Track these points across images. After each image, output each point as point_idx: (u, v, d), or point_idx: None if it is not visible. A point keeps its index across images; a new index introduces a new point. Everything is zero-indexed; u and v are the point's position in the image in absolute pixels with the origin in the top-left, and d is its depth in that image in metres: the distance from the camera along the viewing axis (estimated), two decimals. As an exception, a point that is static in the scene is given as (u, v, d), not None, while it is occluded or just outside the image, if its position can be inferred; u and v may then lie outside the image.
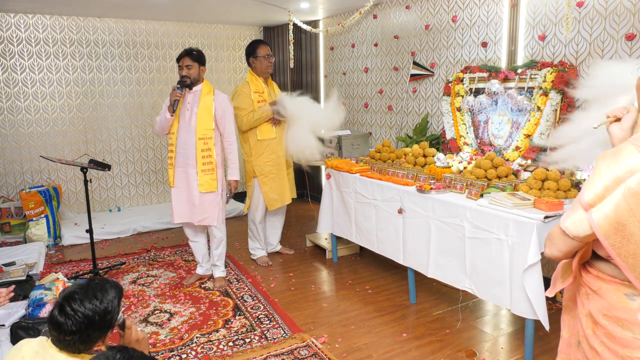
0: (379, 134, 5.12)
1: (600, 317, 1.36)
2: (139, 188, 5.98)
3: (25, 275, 3.30)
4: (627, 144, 1.27)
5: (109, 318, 1.48)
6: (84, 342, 1.44)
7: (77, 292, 1.48)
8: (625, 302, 1.30)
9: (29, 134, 5.29)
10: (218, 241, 3.71)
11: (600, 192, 1.26)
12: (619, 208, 1.22)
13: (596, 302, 1.38)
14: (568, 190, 2.64)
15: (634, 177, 1.21)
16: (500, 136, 3.56)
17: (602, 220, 1.24)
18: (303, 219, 5.60)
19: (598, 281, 1.38)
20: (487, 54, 3.77)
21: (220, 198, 3.59)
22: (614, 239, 1.24)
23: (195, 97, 3.50)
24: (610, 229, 1.24)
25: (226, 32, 6.25)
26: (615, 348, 1.32)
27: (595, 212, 1.26)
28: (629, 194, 1.21)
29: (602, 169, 1.28)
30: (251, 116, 3.86)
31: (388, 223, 3.39)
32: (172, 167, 3.57)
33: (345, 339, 2.91)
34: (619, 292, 1.32)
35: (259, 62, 3.95)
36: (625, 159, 1.24)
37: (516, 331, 2.96)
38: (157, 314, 3.27)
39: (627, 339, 1.29)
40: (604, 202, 1.25)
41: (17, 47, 5.10)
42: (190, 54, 3.49)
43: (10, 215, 4.99)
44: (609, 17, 2.95)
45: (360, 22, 5.16)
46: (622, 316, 1.30)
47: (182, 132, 3.51)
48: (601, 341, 1.36)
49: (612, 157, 1.28)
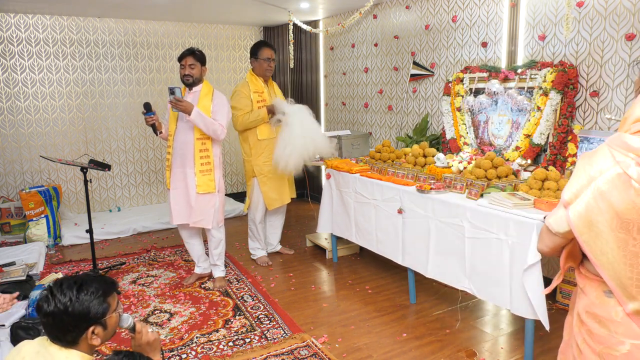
0: (379, 134, 5.12)
1: (583, 315, 1.41)
2: (139, 188, 5.98)
3: (25, 275, 3.30)
4: (604, 146, 1.33)
5: (85, 312, 1.50)
6: (58, 328, 1.48)
7: (66, 280, 1.54)
8: (603, 299, 1.35)
9: (29, 134, 5.29)
10: (217, 241, 3.71)
11: (576, 191, 1.33)
12: (589, 206, 1.29)
13: (581, 299, 1.43)
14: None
15: (602, 176, 1.27)
16: (500, 136, 3.56)
17: (576, 217, 1.31)
18: (303, 219, 5.60)
19: (584, 279, 1.43)
20: (487, 54, 3.77)
21: (217, 200, 3.59)
22: (587, 236, 1.31)
23: (194, 98, 3.50)
24: (583, 226, 1.31)
25: (226, 32, 6.25)
26: (593, 345, 1.37)
27: (571, 209, 1.33)
28: (597, 193, 1.27)
29: (579, 168, 1.35)
30: (246, 117, 3.85)
31: (388, 223, 3.39)
32: (169, 169, 3.58)
33: (345, 339, 2.91)
34: (599, 289, 1.37)
35: (259, 64, 3.95)
36: (598, 160, 1.31)
37: (516, 331, 2.96)
38: (157, 314, 3.27)
39: (603, 336, 1.34)
40: (577, 200, 1.32)
41: (17, 47, 5.10)
42: (194, 54, 3.48)
43: (10, 215, 4.99)
44: (609, 17, 2.95)
45: (360, 22, 5.16)
46: (600, 313, 1.35)
47: (181, 133, 3.50)
48: (583, 338, 1.41)
49: (589, 157, 1.34)
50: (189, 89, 3.54)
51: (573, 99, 3.12)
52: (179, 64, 3.51)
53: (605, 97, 3.02)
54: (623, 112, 2.94)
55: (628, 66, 2.89)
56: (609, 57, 2.98)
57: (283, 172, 3.88)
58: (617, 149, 1.28)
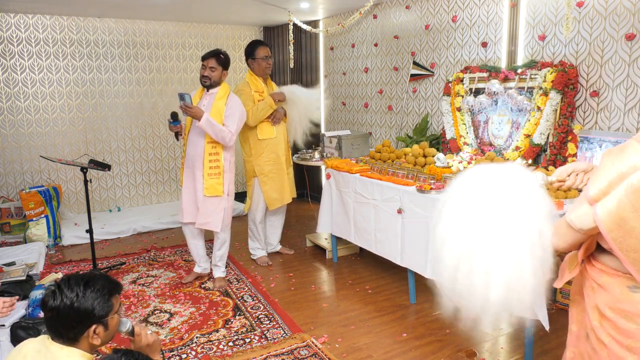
0: (379, 134, 5.12)
1: (606, 310, 1.40)
2: (139, 188, 5.98)
3: (25, 275, 3.30)
4: (632, 141, 1.30)
5: (90, 308, 1.51)
6: (61, 323, 1.49)
7: (74, 277, 1.55)
8: (628, 294, 1.34)
9: (29, 134, 5.29)
10: (221, 242, 3.71)
11: (604, 188, 1.29)
12: (621, 204, 1.25)
13: (602, 295, 1.42)
14: (568, 190, 2.64)
15: (636, 173, 1.24)
16: (500, 136, 3.56)
17: (605, 215, 1.28)
18: (303, 219, 5.60)
19: (602, 275, 1.41)
20: (487, 54, 3.77)
21: (226, 203, 3.59)
22: (616, 234, 1.28)
23: (210, 101, 3.51)
24: (612, 223, 1.27)
25: (226, 32, 6.25)
26: (621, 339, 1.36)
27: (599, 206, 1.29)
28: (631, 190, 1.24)
29: (607, 164, 1.31)
30: (255, 109, 3.85)
31: (387, 223, 3.39)
32: (182, 168, 3.65)
33: (345, 339, 2.91)
34: (622, 285, 1.36)
35: (257, 64, 3.95)
36: (630, 156, 1.27)
37: (516, 331, 2.96)
38: (157, 314, 3.27)
39: (631, 330, 1.34)
40: (607, 197, 1.28)
41: (17, 47, 5.10)
42: (218, 57, 3.47)
43: (10, 215, 4.99)
44: (609, 17, 2.95)
45: (360, 22, 5.16)
46: (626, 308, 1.35)
47: (193, 135, 3.52)
48: (608, 333, 1.40)
49: (617, 153, 1.31)
50: (206, 90, 3.54)
51: (573, 99, 3.12)
52: (201, 64, 3.51)
53: (605, 97, 3.02)
54: (623, 111, 2.94)
55: (628, 66, 2.89)
56: (609, 57, 2.98)
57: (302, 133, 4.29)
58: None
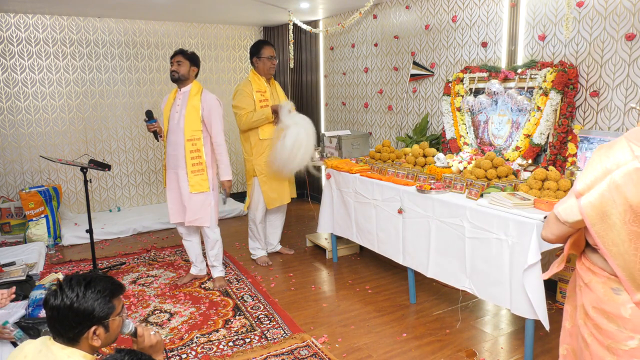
0: (379, 134, 5.12)
1: (590, 309, 1.42)
2: (139, 188, 5.98)
3: (25, 275, 3.30)
4: (622, 139, 1.33)
5: (89, 310, 1.50)
6: (61, 323, 1.49)
7: (76, 277, 1.55)
8: (612, 296, 1.37)
9: (29, 134, 5.29)
10: (212, 242, 3.70)
11: (590, 182, 1.34)
12: (604, 198, 1.30)
13: (587, 294, 1.44)
14: (568, 190, 2.64)
15: (619, 169, 1.28)
16: (500, 136, 3.56)
17: (588, 208, 1.33)
18: (303, 219, 5.60)
19: (589, 274, 1.44)
20: (487, 54, 3.77)
21: (212, 198, 3.59)
22: (599, 227, 1.32)
23: (184, 99, 3.50)
24: (595, 217, 1.32)
25: (226, 32, 6.25)
26: (601, 339, 1.39)
27: (583, 199, 1.34)
28: (613, 186, 1.28)
29: (595, 160, 1.35)
30: (250, 116, 3.85)
31: (388, 223, 3.39)
32: (164, 169, 3.65)
33: (345, 339, 2.91)
34: (607, 286, 1.38)
35: (262, 63, 3.95)
36: (615, 153, 1.31)
37: (516, 331, 2.96)
38: (157, 314, 3.27)
39: (612, 331, 1.36)
40: (591, 191, 1.33)
41: (17, 47, 5.10)
42: (183, 52, 3.53)
43: (10, 215, 4.99)
44: (609, 17, 2.95)
45: (360, 22, 5.16)
46: (608, 309, 1.37)
47: (172, 134, 3.53)
48: (590, 332, 1.42)
49: (606, 150, 1.35)
50: (179, 89, 3.54)
51: (573, 98, 3.12)
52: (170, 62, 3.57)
53: (605, 97, 3.02)
54: (623, 111, 2.94)
55: (628, 66, 2.89)
56: (609, 57, 2.98)
57: (276, 172, 3.88)
58: (636, 143, 1.28)
